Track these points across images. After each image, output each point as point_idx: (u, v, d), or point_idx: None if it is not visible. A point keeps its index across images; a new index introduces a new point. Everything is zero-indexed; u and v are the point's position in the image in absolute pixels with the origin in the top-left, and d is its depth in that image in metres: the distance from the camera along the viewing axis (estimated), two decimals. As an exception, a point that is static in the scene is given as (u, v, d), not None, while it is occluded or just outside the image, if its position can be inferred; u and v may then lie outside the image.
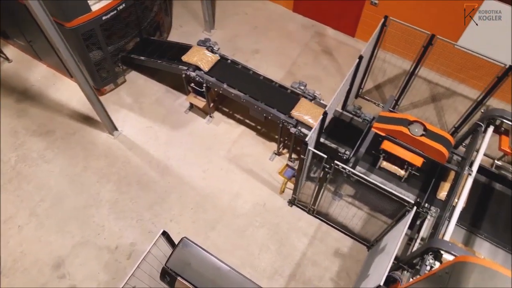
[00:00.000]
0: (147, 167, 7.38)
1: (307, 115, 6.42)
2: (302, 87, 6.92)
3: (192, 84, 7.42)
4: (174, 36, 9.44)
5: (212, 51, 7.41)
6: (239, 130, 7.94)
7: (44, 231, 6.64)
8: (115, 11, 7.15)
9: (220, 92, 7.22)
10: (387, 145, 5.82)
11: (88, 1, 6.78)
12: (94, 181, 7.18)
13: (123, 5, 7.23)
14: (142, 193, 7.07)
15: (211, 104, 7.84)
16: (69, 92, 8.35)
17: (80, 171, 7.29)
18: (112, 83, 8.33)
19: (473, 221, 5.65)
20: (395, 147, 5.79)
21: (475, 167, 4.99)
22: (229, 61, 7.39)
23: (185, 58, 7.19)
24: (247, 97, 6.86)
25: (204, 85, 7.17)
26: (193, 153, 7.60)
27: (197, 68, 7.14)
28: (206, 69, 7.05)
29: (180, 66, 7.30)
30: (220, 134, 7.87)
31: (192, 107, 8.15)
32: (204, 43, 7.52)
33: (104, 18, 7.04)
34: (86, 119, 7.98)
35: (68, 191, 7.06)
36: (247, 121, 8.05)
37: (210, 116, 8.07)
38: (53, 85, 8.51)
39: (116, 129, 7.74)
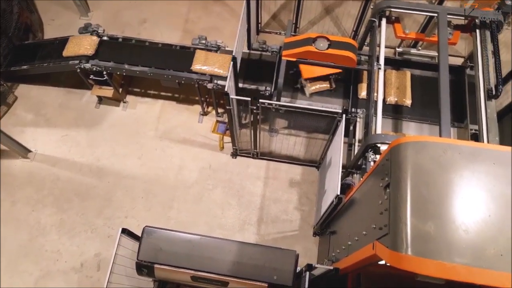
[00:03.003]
0: (79, 176, 6.95)
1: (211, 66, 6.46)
2: (204, 41, 6.76)
3: (92, 76, 6.89)
4: (50, 32, 8.52)
5: (98, 35, 6.87)
6: (159, 105, 7.66)
7: (-3, 281, 6.15)
8: (-30, 26, 6.26)
9: (124, 74, 6.82)
10: (306, 71, 5.96)
11: None
12: (28, 211, 6.64)
13: (-23, 16, 6.33)
14: (85, 203, 6.71)
15: (120, 90, 7.40)
16: (-42, 131, 7.38)
17: (8, 208, 6.68)
18: (3, 105, 7.48)
19: (395, 109, 6.17)
20: (313, 69, 5.95)
21: (381, 61, 5.34)
22: (120, 39, 6.94)
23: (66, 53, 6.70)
24: (153, 70, 6.57)
25: (104, 72, 6.70)
26: (121, 144, 7.25)
27: (88, 57, 6.63)
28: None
29: (70, 62, 6.70)
30: (141, 116, 7.55)
31: (101, 99, 7.63)
32: (86, 29, 6.92)
33: (-40, 37, 6.15)
34: (-9, 153, 7.19)
35: (4, 233, 6.47)
36: (163, 93, 7.77)
37: (124, 102, 7.65)
38: None
39: (30, 151, 7.08)
